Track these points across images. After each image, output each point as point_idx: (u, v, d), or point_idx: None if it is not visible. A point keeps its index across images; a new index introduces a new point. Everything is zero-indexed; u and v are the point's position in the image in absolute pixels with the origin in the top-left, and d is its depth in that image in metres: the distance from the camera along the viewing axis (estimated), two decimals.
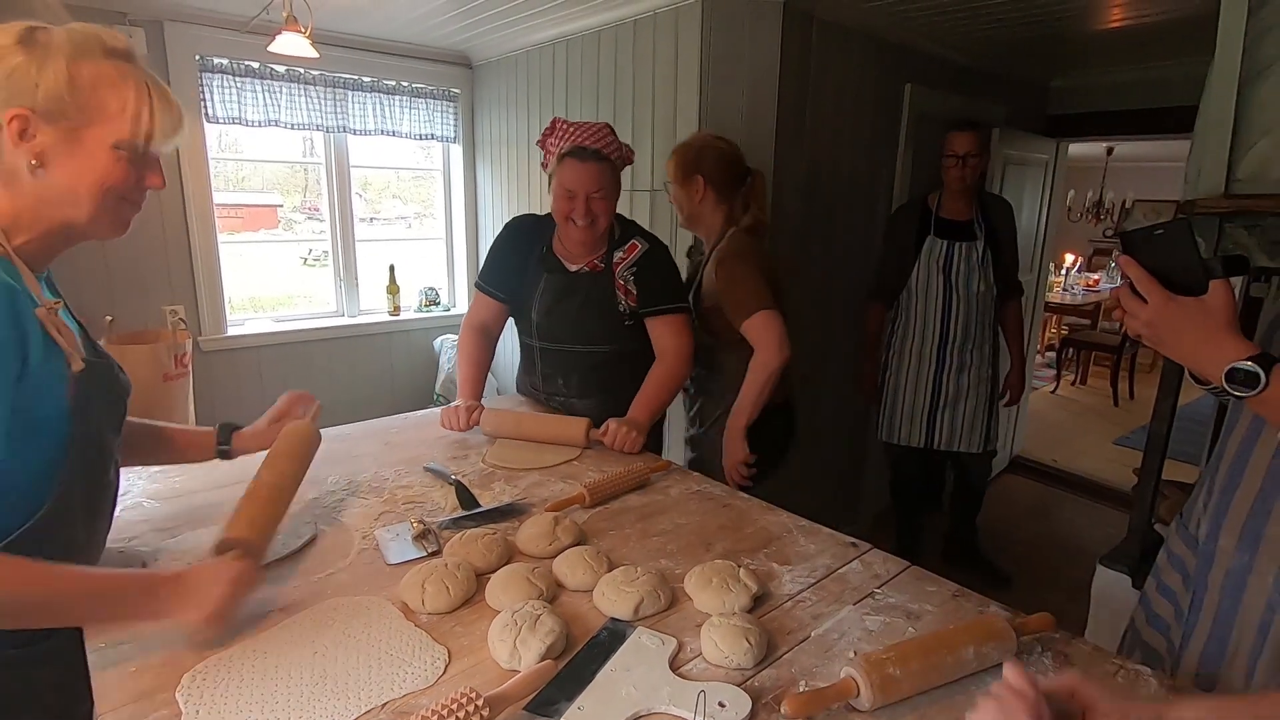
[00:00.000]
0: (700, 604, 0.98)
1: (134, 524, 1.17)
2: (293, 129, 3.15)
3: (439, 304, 3.87)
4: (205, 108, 2.90)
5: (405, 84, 3.42)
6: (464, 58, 3.56)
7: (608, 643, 0.89)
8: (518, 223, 1.84)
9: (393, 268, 3.66)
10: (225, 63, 2.92)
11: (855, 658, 0.81)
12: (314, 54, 2.50)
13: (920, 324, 2.65)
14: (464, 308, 3.90)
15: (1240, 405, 0.83)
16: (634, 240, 1.74)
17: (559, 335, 1.78)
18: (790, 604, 1.00)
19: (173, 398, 2.69)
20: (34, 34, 0.80)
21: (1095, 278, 7.11)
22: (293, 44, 2.41)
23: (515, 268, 1.79)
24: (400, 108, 3.43)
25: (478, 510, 1.25)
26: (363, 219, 4.04)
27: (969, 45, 3.01)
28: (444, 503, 1.30)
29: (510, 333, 1.95)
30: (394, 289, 3.66)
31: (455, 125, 3.65)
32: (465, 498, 1.29)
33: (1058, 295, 6.55)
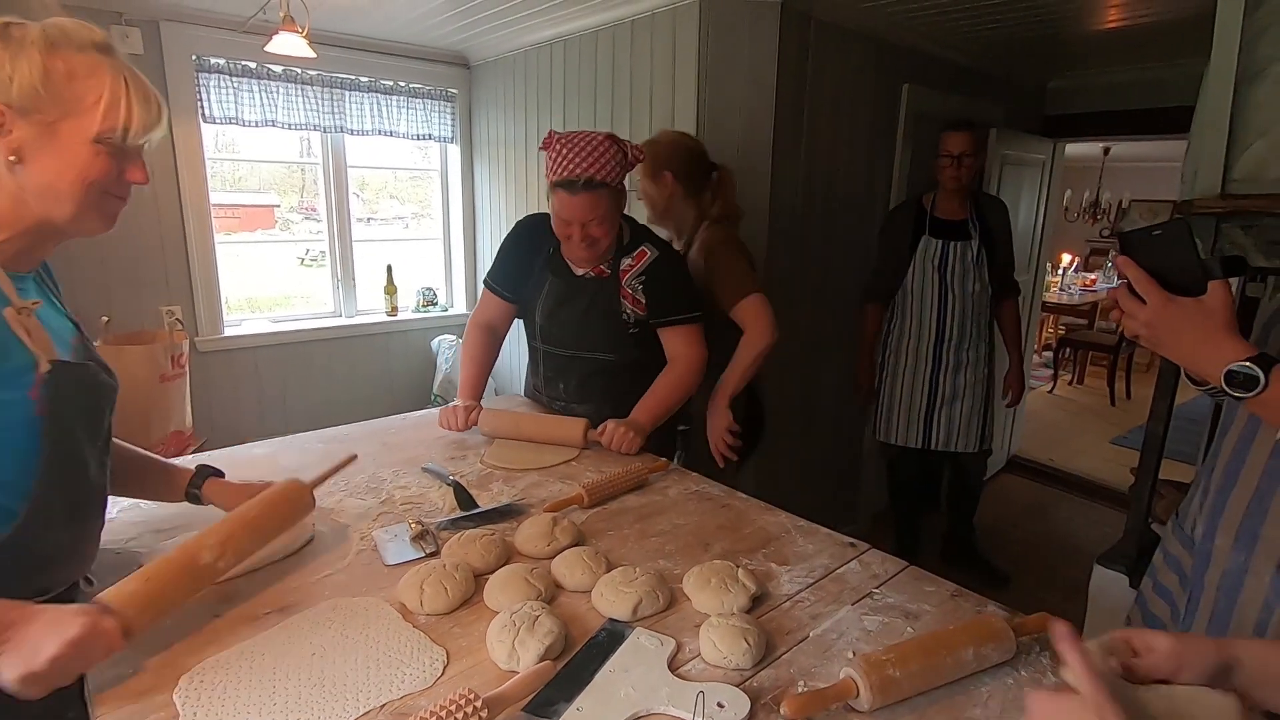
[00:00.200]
0: (699, 604, 0.98)
1: (132, 525, 1.17)
2: (290, 129, 3.15)
3: (436, 304, 3.86)
4: (202, 108, 2.90)
5: (403, 84, 3.41)
6: (461, 58, 3.55)
7: (606, 643, 0.89)
8: (528, 222, 1.82)
9: (390, 268, 3.65)
10: (222, 63, 2.91)
11: (855, 658, 0.81)
12: (311, 54, 2.50)
13: (916, 324, 2.66)
14: (462, 308, 3.90)
15: (1236, 405, 0.83)
16: (643, 247, 1.70)
17: (561, 339, 1.76)
18: (789, 604, 1.00)
19: (169, 398, 2.68)
20: (8, 29, 0.79)
21: (1092, 278, 7.12)
22: (290, 44, 2.40)
23: (523, 268, 1.77)
24: (397, 108, 3.42)
25: (476, 511, 1.25)
26: (360, 219, 4.04)
27: (966, 45, 3.01)
28: (442, 503, 1.30)
29: (518, 334, 1.94)
30: (391, 289, 3.65)
31: (453, 125, 3.64)
32: (463, 498, 1.29)
33: (1054, 295, 6.56)
